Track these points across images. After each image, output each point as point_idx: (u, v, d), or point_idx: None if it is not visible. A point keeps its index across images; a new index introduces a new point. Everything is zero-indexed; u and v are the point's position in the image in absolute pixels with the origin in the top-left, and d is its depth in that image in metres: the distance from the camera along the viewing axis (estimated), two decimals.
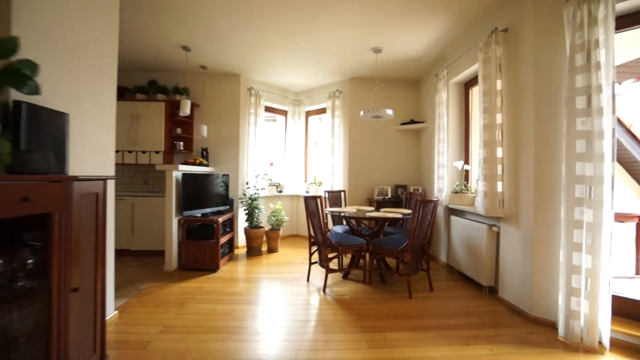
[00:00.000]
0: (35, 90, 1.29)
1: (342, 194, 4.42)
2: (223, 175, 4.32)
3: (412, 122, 4.82)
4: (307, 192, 5.55)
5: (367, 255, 3.20)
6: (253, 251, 4.35)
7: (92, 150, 2.13)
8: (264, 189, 4.74)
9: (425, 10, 2.95)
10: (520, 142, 2.59)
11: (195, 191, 3.74)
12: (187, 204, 3.59)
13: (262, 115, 5.07)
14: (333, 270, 3.17)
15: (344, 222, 4.09)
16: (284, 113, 5.75)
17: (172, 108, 4.48)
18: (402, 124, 4.89)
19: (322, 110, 5.51)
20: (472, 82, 3.73)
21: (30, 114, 1.48)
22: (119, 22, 2.40)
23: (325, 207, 3.81)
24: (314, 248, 3.35)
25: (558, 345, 2.09)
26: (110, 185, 2.28)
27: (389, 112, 3.68)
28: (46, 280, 1.30)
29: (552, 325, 2.28)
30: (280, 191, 5.45)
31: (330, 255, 3.07)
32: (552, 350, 2.02)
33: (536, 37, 2.41)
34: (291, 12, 3.01)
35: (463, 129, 3.91)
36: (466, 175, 3.76)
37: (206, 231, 3.64)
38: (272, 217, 4.54)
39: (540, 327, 2.31)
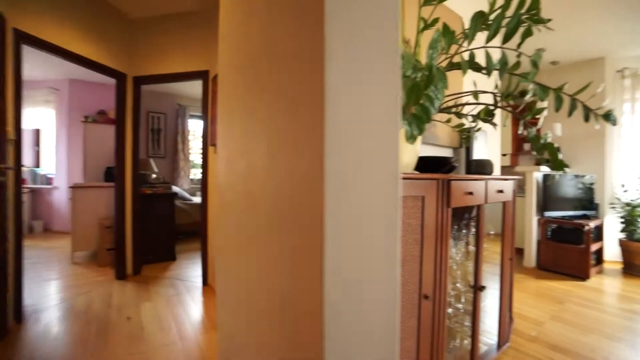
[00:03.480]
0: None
1: None
2: (582, 176, 3.87)
3: None
4: None
5: None
6: (633, 269, 3.54)
7: (491, 154, 2.71)
8: None
9: None
10: None
11: (554, 192, 3.64)
12: (546, 204, 3.59)
13: None
14: None
15: None
16: None
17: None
18: None
19: None
20: None
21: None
22: None
23: None
24: None
25: None
26: None
27: None
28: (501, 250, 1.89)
29: None
30: None
31: None
32: None
33: None
34: None
35: None
36: None
37: (568, 234, 3.44)
38: None
39: None
